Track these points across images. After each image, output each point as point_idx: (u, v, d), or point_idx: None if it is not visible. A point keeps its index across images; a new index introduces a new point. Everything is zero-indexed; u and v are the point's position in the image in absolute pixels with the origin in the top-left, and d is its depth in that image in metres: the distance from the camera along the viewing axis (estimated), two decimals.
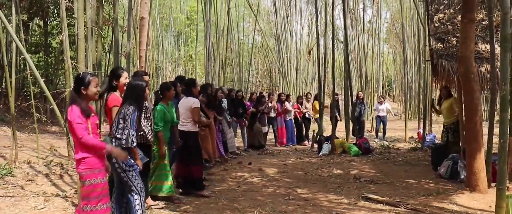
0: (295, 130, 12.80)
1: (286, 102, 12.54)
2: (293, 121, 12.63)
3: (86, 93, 3.69)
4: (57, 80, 16.19)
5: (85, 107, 3.64)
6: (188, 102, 6.05)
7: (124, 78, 4.81)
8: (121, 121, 4.06)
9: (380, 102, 13.89)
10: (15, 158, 7.82)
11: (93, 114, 3.74)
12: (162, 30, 23.29)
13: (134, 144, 4.07)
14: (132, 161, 4.11)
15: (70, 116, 3.55)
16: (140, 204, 4.17)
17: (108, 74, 5.00)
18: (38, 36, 16.35)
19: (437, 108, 8.71)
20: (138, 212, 4.16)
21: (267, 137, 12.23)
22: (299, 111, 12.89)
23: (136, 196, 4.14)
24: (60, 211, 5.14)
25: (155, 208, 5.27)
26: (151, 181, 5.56)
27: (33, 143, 9.50)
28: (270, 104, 11.79)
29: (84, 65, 5.93)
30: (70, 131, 3.65)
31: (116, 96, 4.72)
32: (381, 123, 13.73)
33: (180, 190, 6.12)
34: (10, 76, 7.90)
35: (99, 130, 3.80)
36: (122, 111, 4.08)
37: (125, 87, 4.54)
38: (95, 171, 3.63)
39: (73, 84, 3.75)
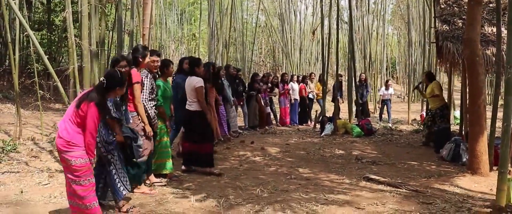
0: (299, 110, 12.80)
1: (292, 83, 12.50)
2: (298, 101, 12.62)
3: (116, 92, 3.87)
4: (60, 58, 16.14)
5: (106, 109, 3.81)
6: (192, 82, 6.03)
7: (150, 60, 5.09)
8: None
9: (387, 87, 13.75)
10: (19, 135, 7.86)
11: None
12: (165, 8, 23.05)
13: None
14: (111, 136, 4.18)
15: (89, 111, 3.63)
16: (117, 174, 4.26)
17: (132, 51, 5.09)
18: (41, 14, 16.22)
19: (423, 92, 8.72)
20: (117, 181, 4.24)
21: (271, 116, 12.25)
22: (304, 91, 12.85)
23: (113, 170, 4.25)
24: (64, 187, 5.15)
25: (158, 185, 5.31)
26: (154, 160, 5.59)
27: (37, 120, 9.54)
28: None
29: (88, 42, 5.91)
30: (78, 117, 3.69)
31: (137, 73, 4.80)
32: (385, 106, 13.67)
33: (183, 167, 6.15)
34: (14, 54, 7.88)
35: None
36: None
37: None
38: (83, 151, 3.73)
39: (105, 80, 3.79)
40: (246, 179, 5.85)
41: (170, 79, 6.12)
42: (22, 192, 4.98)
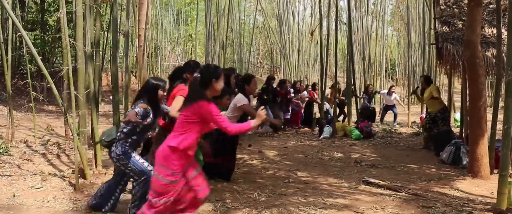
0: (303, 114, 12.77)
1: (305, 92, 12.47)
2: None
3: (213, 86, 3.64)
4: (54, 59, 16.02)
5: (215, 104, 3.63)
6: (235, 100, 5.73)
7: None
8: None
9: (390, 93, 13.50)
10: (12, 137, 7.76)
11: None
12: (161, 8, 22.92)
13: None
14: (126, 148, 4.02)
15: (204, 109, 3.48)
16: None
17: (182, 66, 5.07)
18: (34, 13, 16.09)
19: (420, 97, 8.67)
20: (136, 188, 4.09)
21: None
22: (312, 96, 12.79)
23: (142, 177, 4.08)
24: (58, 190, 5.10)
25: None
26: None
27: (30, 122, 9.44)
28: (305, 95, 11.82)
29: (82, 43, 5.81)
30: (185, 125, 3.57)
31: (184, 87, 4.71)
32: (389, 111, 13.50)
33: None
34: (6, 54, 7.79)
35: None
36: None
37: None
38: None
39: (199, 75, 3.64)
40: (243, 182, 5.77)
41: None
42: (14, 196, 4.89)
